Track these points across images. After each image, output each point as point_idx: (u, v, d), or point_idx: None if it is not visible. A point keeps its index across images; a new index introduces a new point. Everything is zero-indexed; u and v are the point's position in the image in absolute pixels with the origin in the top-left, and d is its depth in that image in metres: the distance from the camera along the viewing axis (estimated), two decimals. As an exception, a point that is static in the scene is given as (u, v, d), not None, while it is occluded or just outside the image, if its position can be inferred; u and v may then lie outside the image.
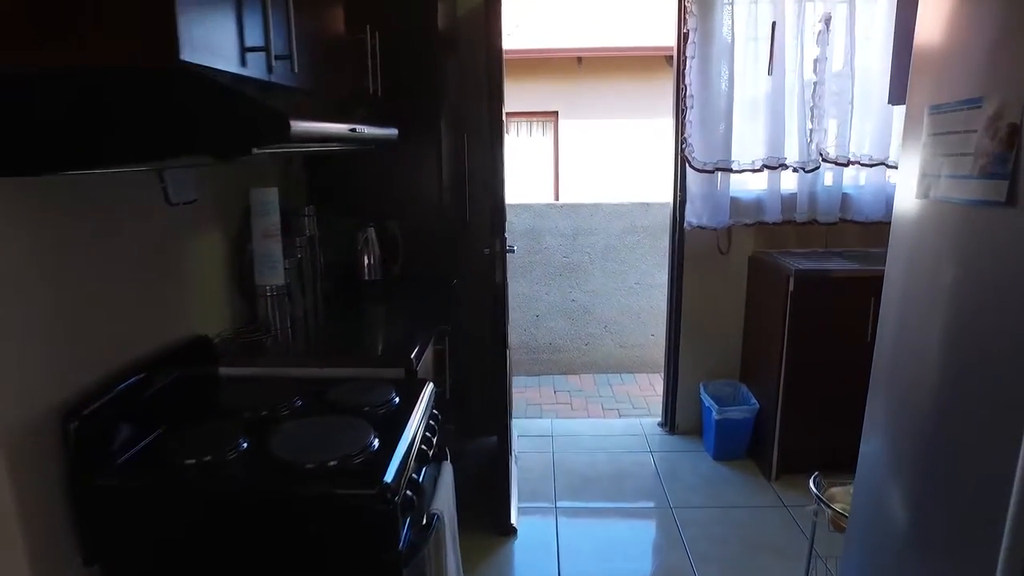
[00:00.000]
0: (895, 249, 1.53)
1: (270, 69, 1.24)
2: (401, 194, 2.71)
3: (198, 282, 1.86)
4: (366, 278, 2.56)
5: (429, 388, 1.75)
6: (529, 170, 8.59)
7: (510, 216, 4.98)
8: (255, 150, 1.12)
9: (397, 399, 1.62)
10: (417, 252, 2.72)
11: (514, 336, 5.02)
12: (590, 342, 5.05)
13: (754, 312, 3.40)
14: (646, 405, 4.54)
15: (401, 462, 1.35)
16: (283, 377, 1.81)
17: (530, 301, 5.00)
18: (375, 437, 1.39)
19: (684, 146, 3.18)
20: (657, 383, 4.90)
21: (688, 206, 3.29)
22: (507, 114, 8.51)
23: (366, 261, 2.55)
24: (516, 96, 8.13)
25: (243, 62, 1.15)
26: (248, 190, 1.99)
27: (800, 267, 2.91)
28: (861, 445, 1.77)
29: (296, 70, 1.32)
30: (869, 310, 2.93)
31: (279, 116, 1.05)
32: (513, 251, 2.52)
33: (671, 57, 3.35)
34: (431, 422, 1.68)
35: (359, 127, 1.56)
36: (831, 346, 2.96)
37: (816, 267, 2.95)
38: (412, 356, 1.81)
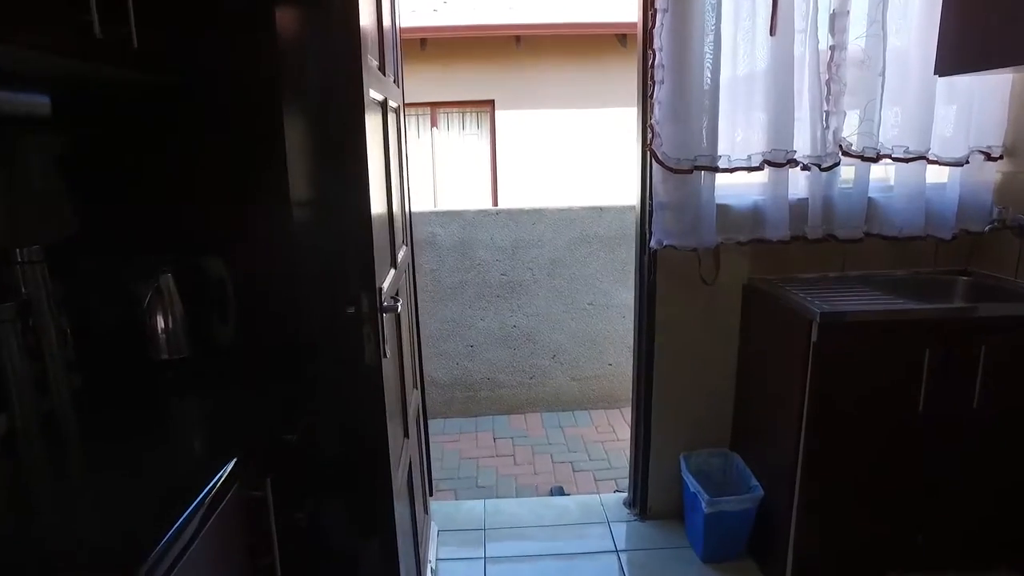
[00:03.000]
0: None
1: None
2: (228, 218, 1.67)
3: None
4: (162, 357, 1.52)
5: None
6: (461, 171, 7.43)
7: (435, 227, 3.99)
8: None
9: None
10: (258, 306, 1.69)
11: (444, 371, 4.02)
12: (536, 375, 4.09)
13: (753, 362, 2.46)
14: (605, 456, 3.61)
15: None
16: None
17: (462, 328, 4.00)
18: None
19: (651, 137, 2.24)
20: (618, 422, 3.98)
21: (656, 218, 2.32)
22: (432, 105, 7.09)
23: (160, 327, 1.51)
24: (444, 83, 6.97)
25: None
26: None
27: (828, 309, 1.98)
28: None
29: None
30: (923, 365, 2.04)
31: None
32: (396, 309, 1.51)
33: (623, 36, 2.37)
34: None
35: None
36: (870, 414, 2.06)
37: (851, 308, 2.01)
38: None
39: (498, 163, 7.24)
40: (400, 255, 2.03)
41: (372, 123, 1.46)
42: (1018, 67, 2.02)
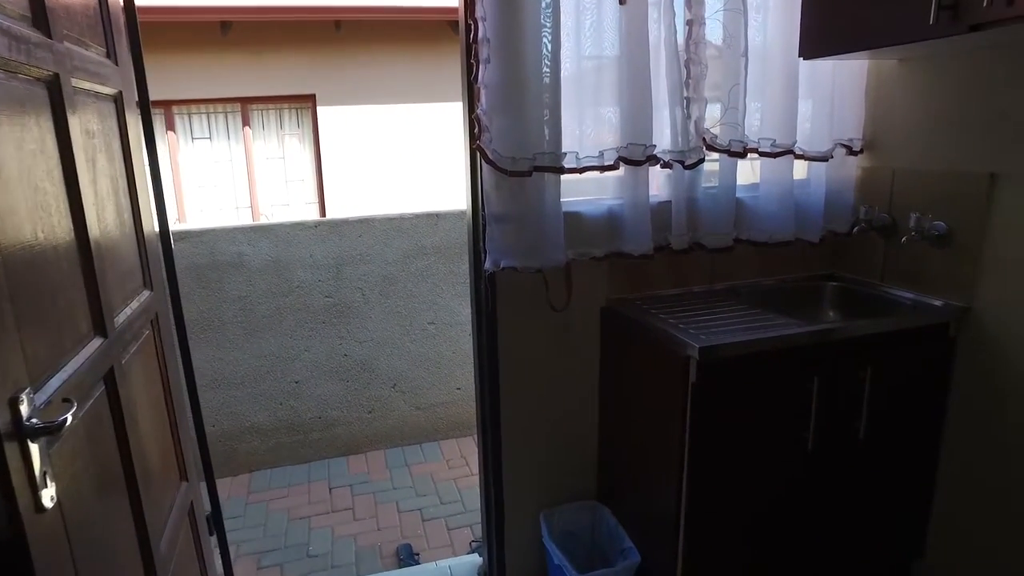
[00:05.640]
0: None
1: None
2: None
3: None
4: None
5: None
6: (282, 177, 6.35)
7: (241, 246, 3.20)
8: None
9: None
10: None
11: (266, 414, 3.30)
12: (376, 408, 3.47)
13: (618, 400, 2.02)
14: (459, 496, 3.09)
15: None
16: None
17: (284, 363, 3.29)
18: None
19: (478, 131, 1.71)
20: (471, 453, 3.46)
21: (491, 233, 1.79)
22: (241, 101, 6.00)
23: None
24: (255, 75, 5.86)
25: None
26: None
27: (707, 343, 1.56)
28: None
29: None
30: (811, 397, 1.69)
31: None
32: (61, 427, 0.86)
33: (457, 24, 1.82)
34: None
35: None
36: (759, 458, 1.69)
37: (731, 339, 1.59)
38: None
39: (323, 167, 6.28)
40: (133, 306, 1.35)
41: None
42: (877, 50, 1.74)
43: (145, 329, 1.46)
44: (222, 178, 6.22)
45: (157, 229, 1.69)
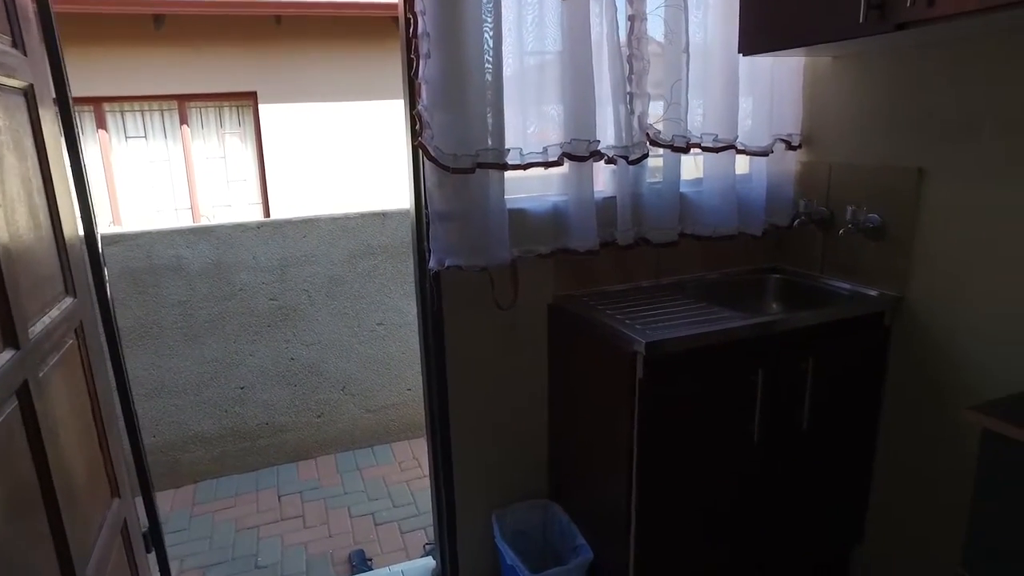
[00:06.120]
0: None
1: None
2: None
3: None
4: None
5: None
6: (223, 178, 6.07)
7: (180, 249, 3.06)
8: None
9: None
10: None
11: (211, 422, 3.18)
12: (325, 412, 3.39)
13: (567, 397, 2.01)
14: (412, 499, 3.04)
15: None
16: None
17: (228, 368, 3.17)
18: None
19: (420, 127, 1.67)
20: (422, 452, 3.42)
21: (435, 231, 1.75)
22: (178, 98, 5.75)
23: None
24: (192, 72, 5.60)
25: None
26: None
27: (653, 338, 1.57)
28: None
29: None
30: (756, 389, 1.71)
31: None
32: None
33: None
34: None
35: None
36: (707, 451, 1.70)
37: (677, 334, 1.60)
38: None
39: (267, 167, 6.04)
40: (52, 315, 1.27)
41: None
42: (812, 47, 1.77)
43: (68, 338, 1.37)
44: (159, 179, 5.93)
45: (82, 232, 1.60)
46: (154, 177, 5.93)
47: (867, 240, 1.95)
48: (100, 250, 1.74)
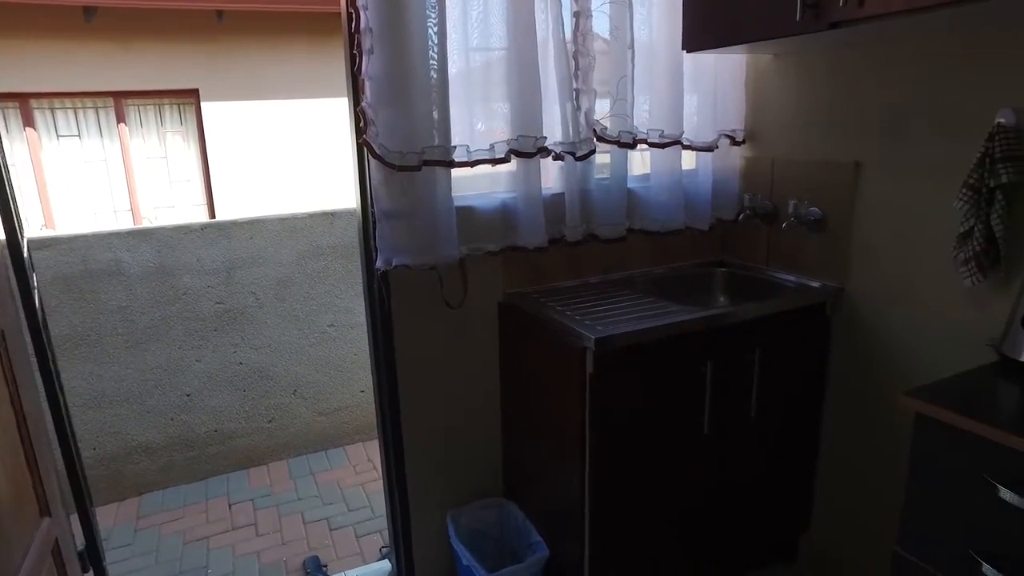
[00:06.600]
0: None
1: None
2: None
3: None
4: None
5: None
6: (166, 180, 5.85)
7: (118, 252, 2.92)
8: None
9: None
10: None
11: (156, 431, 3.07)
12: (276, 417, 3.30)
13: (519, 395, 2.00)
14: (367, 502, 2.99)
15: None
16: None
17: (173, 375, 3.06)
18: None
19: (364, 124, 1.62)
20: (377, 455, 3.37)
21: (381, 230, 1.72)
22: (114, 95, 5.51)
23: None
24: (128, 67, 5.34)
25: None
26: None
27: (603, 333, 1.57)
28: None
29: None
30: (705, 381, 1.74)
31: None
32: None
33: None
34: None
35: None
36: (658, 444, 1.72)
37: (626, 329, 1.60)
38: None
39: (211, 166, 5.84)
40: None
41: None
42: (752, 45, 1.81)
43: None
44: (96, 180, 5.66)
45: (2, 235, 1.51)
46: (90, 178, 5.66)
47: (809, 233, 1.99)
48: (25, 254, 1.64)
